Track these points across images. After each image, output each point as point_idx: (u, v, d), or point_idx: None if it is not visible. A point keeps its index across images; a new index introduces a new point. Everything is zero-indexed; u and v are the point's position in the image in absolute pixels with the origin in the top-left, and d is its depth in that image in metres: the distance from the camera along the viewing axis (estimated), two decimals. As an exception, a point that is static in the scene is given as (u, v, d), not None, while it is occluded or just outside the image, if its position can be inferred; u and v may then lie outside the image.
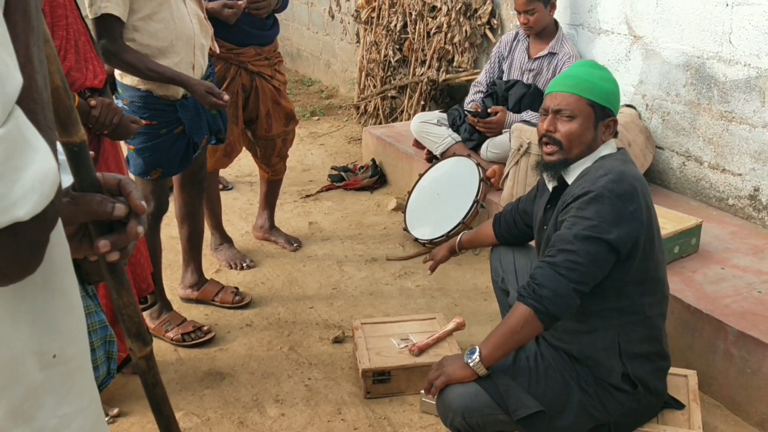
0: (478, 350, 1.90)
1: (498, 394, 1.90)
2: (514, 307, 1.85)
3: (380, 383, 2.52)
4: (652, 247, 1.91)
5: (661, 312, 2.01)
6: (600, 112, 1.95)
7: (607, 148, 1.99)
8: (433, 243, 3.63)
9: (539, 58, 3.80)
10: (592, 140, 1.97)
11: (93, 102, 2.13)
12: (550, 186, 2.07)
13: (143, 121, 2.36)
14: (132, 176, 2.73)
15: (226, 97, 2.64)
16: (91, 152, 1.49)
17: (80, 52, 2.16)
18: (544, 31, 3.77)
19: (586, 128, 1.95)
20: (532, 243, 2.34)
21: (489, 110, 3.78)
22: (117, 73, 2.64)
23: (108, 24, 2.45)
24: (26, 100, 0.67)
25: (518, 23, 3.83)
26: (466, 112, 3.89)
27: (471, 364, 1.89)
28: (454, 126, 3.96)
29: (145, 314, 2.89)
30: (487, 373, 1.90)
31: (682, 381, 2.27)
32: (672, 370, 2.29)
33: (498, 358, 1.89)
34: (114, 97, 2.71)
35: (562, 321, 1.94)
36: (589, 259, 1.80)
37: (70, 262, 0.84)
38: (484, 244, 2.51)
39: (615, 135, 2.01)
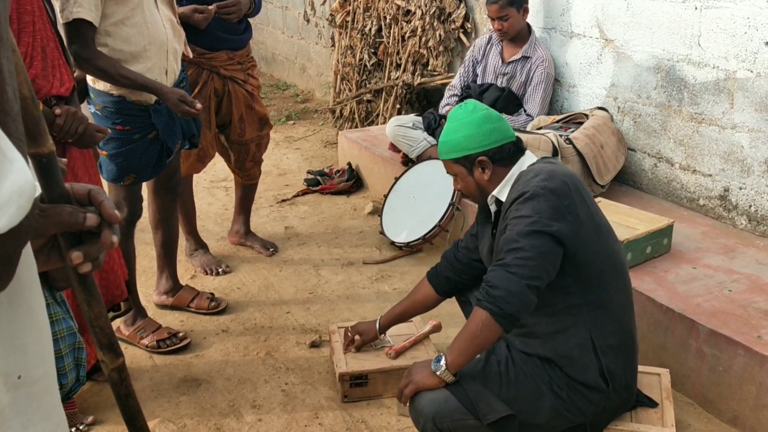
0: (444, 358, 1.93)
1: (467, 400, 1.93)
2: (473, 312, 1.87)
3: (357, 387, 2.52)
4: (600, 237, 1.94)
5: (626, 298, 2.04)
6: (466, 163, 2.04)
7: (528, 160, 2.05)
8: (409, 246, 3.65)
9: (513, 62, 3.84)
10: (477, 185, 2.06)
11: (58, 110, 2.11)
12: (492, 209, 2.11)
13: (109, 131, 2.34)
14: (105, 183, 2.71)
15: (199, 105, 2.63)
16: (63, 159, 1.48)
17: (47, 59, 2.14)
18: (517, 35, 3.81)
19: (467, 181, 2.07)
20: None
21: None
22: (89, 78, 2.62)
23: (80, 29, 2.43)
24: None
25: (492, 27, 3.86)
26: (442, 117, 3.91)
27: (438, 373, 1.93)
28: (430, 129, 3.98)
29: (120, 321, 2.87)
30: (454, 380, 1.94)
31: (655, 379, 2.30)
32: (645, 368, 2.32)
33: (462, 364, 1.91)
34: (86, 102, 2.69)
35: (531, 326, 1.97)
36: (537, 253, 1.83)
37: (37, 280, 0.83)
38: (418, 311, 2.46)
39: (511, 158, 2.03)
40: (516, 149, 2.04)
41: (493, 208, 2.12)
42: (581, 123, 3.63)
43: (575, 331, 1.97)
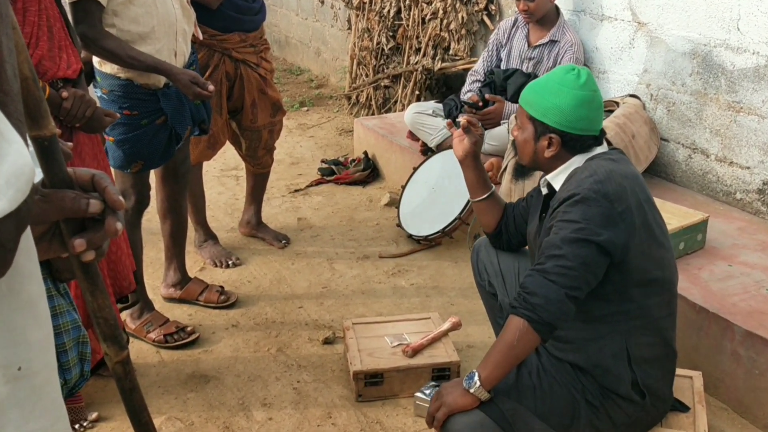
0: (476, 374, 1.84)
1: (505, 420, 1.86)
2: (508, 321, 1.82)
3: (372, 386, 2.52)
4: (652, 246, 1.90)
5: (669, 312, 2.00)
6: (539, 126, 1.97)
7: (599, 148, 1.99)
8: (427, 240, 3.64)
9: (540, 46, 3.80)
10: (534, 153, 2.01)
11: (65, 93, 2.11)
12: (543, 191, 2.09)
13: (118, 115, 2.34)
14: (112, 169, 2.72)
15: (211, 87, 2.63)
16: (69, 143, 1.48)
17: (54, 40, 2.14)
18: (544, 17, 3.77)
19: (526, 141, 2.01)
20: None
21: (487, 97, 3.77)
22: (96, 61, 2.63)
23: (87, 9, 2.44)
24: None
25: (517, 9, 3.82)
26: (463, 104, 3.89)
27: (472, 391, 1.84)
28: (450, 117, 3.96)
29: (126, 314, 2.88)
30: (489, 397, 1.85)
31: (687, 383, 2.28)
32: (676, 371, 2.29)
33: (498, 378, 1.84)
34: (92, 85, 2.70)
35: (565, 330, 1.94)
36: (579, 263, 1.79)
37: (37, 269, 0.83)
38: (492, 212, 2.31)
39: (582, 149, 1.97)
40: (593, 143, 1.98)
41: (544, 191, 2.07)
42: (611, 111, 3.59)
43: (610, 340, 1.93)
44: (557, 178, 1.99)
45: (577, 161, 1.97)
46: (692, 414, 2.15)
